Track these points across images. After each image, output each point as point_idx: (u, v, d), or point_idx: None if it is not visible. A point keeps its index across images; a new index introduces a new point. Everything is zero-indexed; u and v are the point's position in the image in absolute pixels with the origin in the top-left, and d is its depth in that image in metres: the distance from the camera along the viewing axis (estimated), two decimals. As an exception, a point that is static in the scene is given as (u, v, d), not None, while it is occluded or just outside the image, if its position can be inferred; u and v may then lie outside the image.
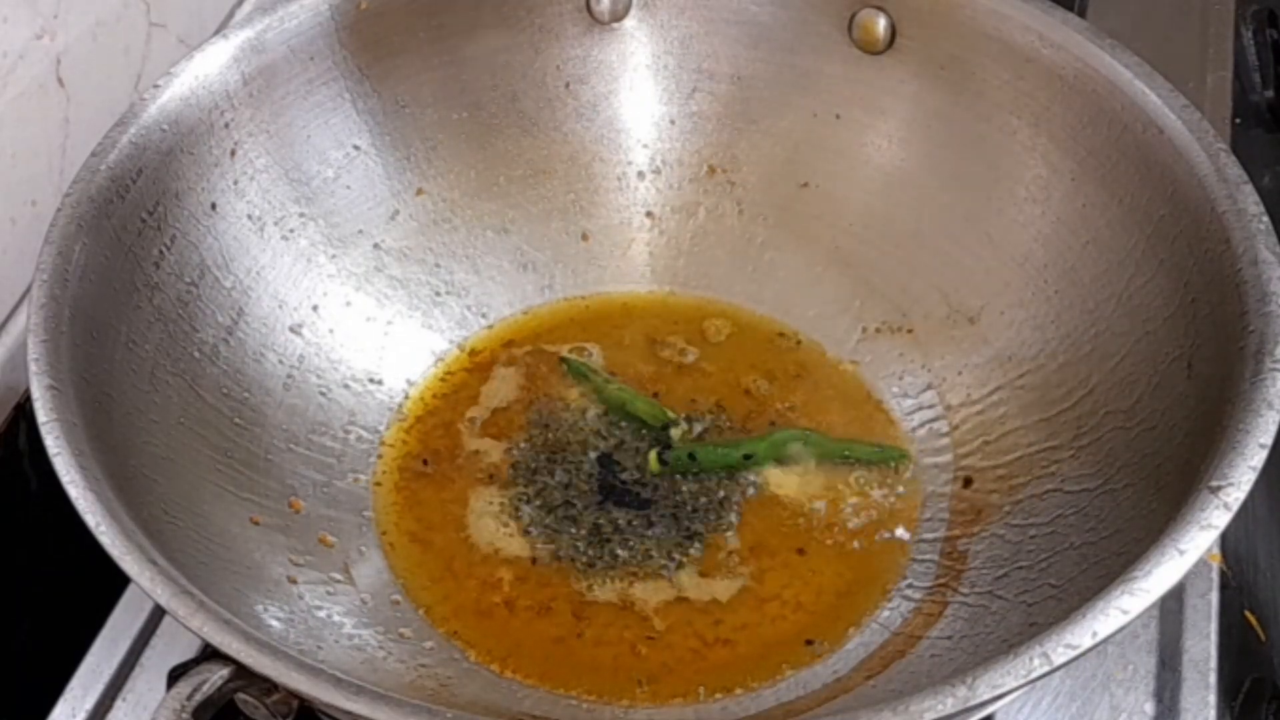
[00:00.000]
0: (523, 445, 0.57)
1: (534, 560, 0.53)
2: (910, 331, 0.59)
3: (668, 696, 0.49)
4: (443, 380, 0.59)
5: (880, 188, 0.60)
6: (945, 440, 0.56)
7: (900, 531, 0.53)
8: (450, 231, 0.61)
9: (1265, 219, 0.47)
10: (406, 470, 0.56)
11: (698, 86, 0.62)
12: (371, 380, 0.58)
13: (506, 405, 0.58)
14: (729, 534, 0.54)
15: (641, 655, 0.50)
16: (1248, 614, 0.55)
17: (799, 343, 0.60)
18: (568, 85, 0.62)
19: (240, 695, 0.39)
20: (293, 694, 0.39)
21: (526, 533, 0.54)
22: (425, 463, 0.56)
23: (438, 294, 0.61)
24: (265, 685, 0.39)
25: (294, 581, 0.50)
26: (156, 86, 0.53)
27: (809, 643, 0.51)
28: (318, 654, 0.46)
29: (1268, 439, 0.41)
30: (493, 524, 0.54)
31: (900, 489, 0.55)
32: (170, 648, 0.52)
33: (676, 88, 0.62)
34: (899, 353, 0.59)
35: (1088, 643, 0.37)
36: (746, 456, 0.55)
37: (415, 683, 0.48)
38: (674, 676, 0.50)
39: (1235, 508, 0.39)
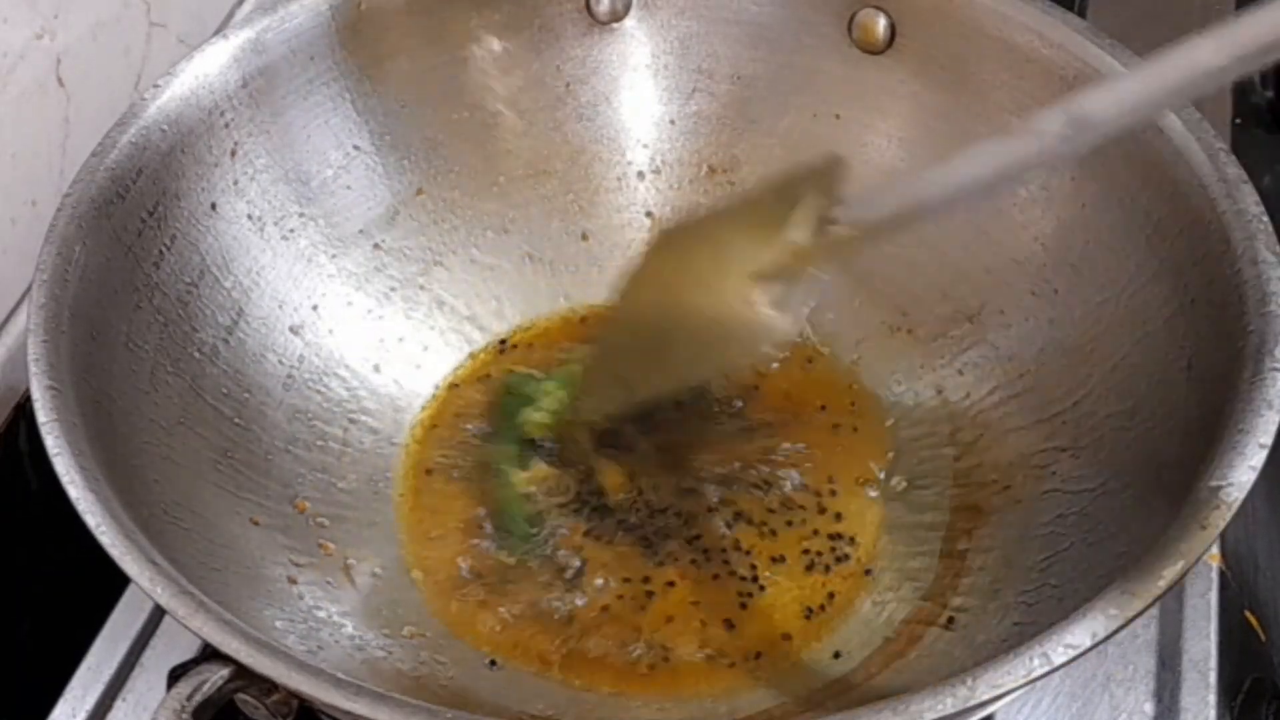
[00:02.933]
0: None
1: (536, 558, 0.53)
2: (910, 331, 0.59)
3: (669, 694, 0.49)
4: (443, 379, 0.59)
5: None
6: (945, 440, 0.56)
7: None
8: (450, 231, 0.61)
9: (1265, 219, 0.47)
10: (406, 470, 0.56)
11: (698, 86, 0.62)
12: (371, 380, 0.58)
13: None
14: (732, 530, 0.54)
15: (644, 654, 0.50)
16: (1248, 614, 0.55)
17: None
18: (568, 85, 0.62)
19: (240, 695, 0.39)
20: (293, 694, 0.39)
21: (528, 532, 0.54)
22: (429, 472, 0.56)
23: (438, 294, 0.61)
24: (265, 685, 0.39)
25: (294, 581, 0.50)
26: (156, 86, 0.53)
27: (807, 641, 0.51)
28: (318, 654, 0.46)
29: (1268, 439, 0.41)
30: (494, 523, 0.54)
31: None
32: (170, 648, 0.52)
33: (676, 88, 0.62)
34: (899, 353, 0.59)
35: (1088, 643, 0.37)
36: None
37: (415, 683, 0.48)
38: (675, 674, 0.50)
39: (1235, 508, 0.39)
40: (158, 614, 0.53)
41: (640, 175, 0.63)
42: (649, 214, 0.63)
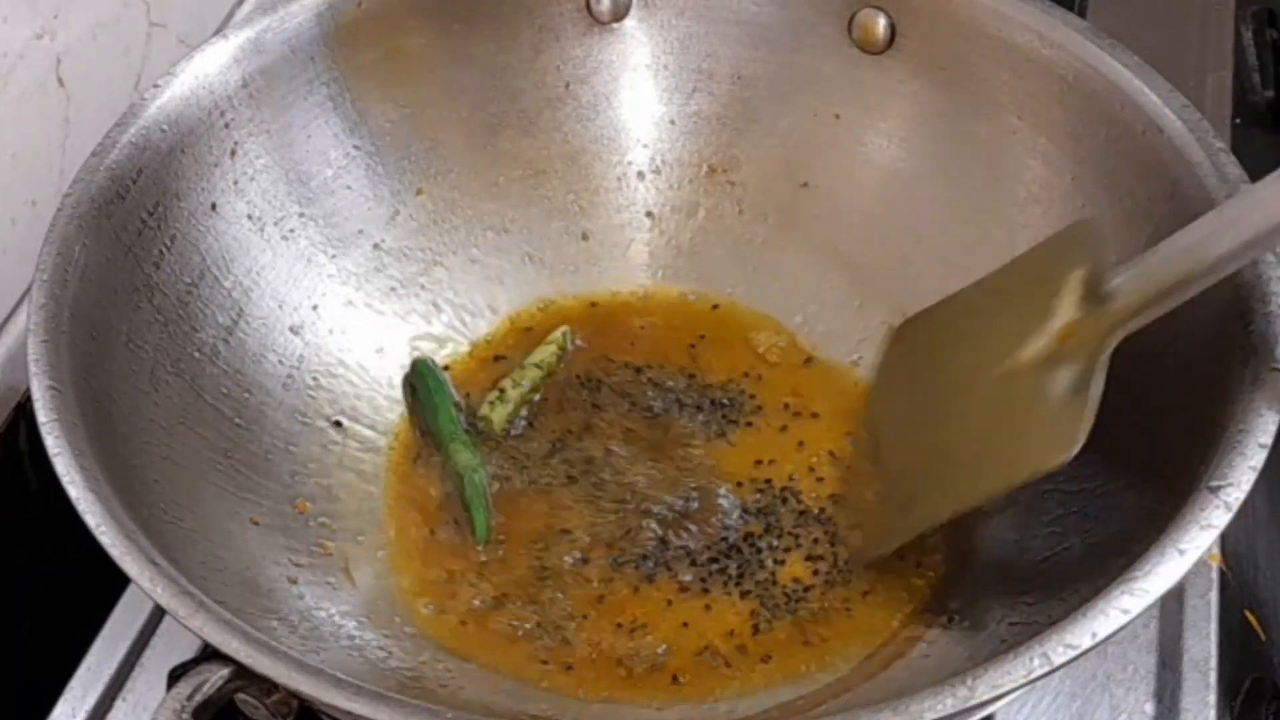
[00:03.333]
0: (521, 444, 0.57)
1: (536, 557, 0.53)
2: (910, 331, 0.59)
3: (667, 695, 0.49)
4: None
5: (880, 188, 0.60)
6: (945, 440, 0.56)
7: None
8: (450, 231, 0.61)
9: (1265, 219, 0.47)
10: (406, 469, 0.56)
11: (698, 86, 0.62)
12: (371, 380, 0.58)
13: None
14: (728, 532, 0.54)
15: (646, 656, 0.50)
16: (1248, 614, 0.55)
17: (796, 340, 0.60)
18: (568, 85, 0.62)
19: (240, 695, 0.39)
20: (293, 694, 0.39)
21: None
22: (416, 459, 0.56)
23: (437, 294, 0.61)
24: (265, 685, 0.39)
25: (294, 581, 0.50)
26: (156, 86, 0.53)
27: (806, 643, 0.51)
28: (318, 654, 0.46)
29: (1268, 439, 0.41)
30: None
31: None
32: (170, 648, 0.52)
33: (676, 88, 0.62)
34: (899, 353, 0.58)
35: (1087, 643, 0.37)
36: None
37: (415, 683, 0.48)
38: (679, 677, 0.50)
39: (1235, 508, 0.39)
40: (158, 614, 0.53)
41: (640, 175, 0.63)
42: (649, 214, 0.63)
